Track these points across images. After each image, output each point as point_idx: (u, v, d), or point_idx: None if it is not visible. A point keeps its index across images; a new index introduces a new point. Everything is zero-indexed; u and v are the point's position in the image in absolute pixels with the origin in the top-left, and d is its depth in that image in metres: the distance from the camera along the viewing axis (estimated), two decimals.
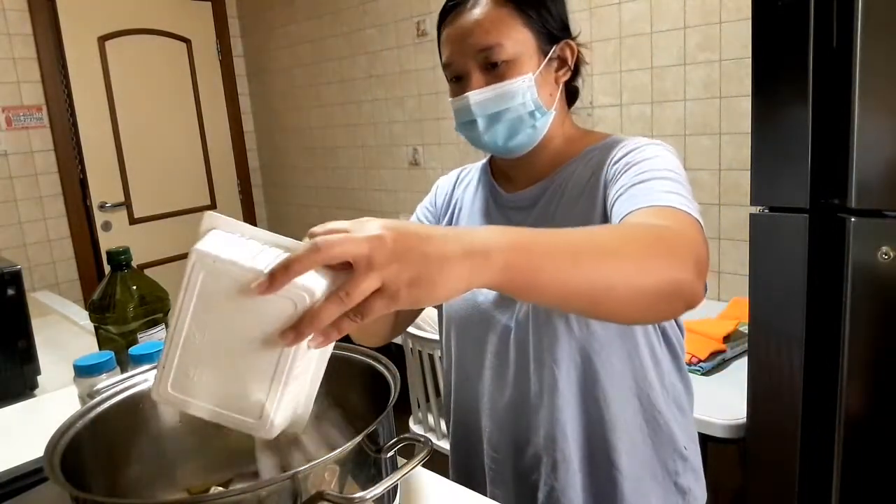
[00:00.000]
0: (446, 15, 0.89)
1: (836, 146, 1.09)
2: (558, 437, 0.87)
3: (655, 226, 0.69)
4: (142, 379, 0.76)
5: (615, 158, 0.84)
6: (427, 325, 1.85)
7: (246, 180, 3.90)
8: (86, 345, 1.45)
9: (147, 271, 1.18)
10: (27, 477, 0.83)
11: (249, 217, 3.92)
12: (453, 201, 1.03)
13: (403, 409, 2.04)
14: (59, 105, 3.09)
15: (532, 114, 0.86)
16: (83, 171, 3.20)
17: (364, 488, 0.57)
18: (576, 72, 0.92)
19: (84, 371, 0.92)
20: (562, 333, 0.84)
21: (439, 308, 1.01)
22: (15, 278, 1.24)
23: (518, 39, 0.85)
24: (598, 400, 0.86)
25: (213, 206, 3.72)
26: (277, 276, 0.48)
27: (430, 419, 1.96)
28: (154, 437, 0.75)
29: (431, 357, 1.82)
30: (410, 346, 1.88)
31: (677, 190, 0.75)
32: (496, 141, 0.88)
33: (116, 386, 0.74)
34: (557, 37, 0.88)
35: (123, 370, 0.95)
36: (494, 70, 0.85)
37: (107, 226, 3.30)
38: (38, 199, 3.08)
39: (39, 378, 1.29)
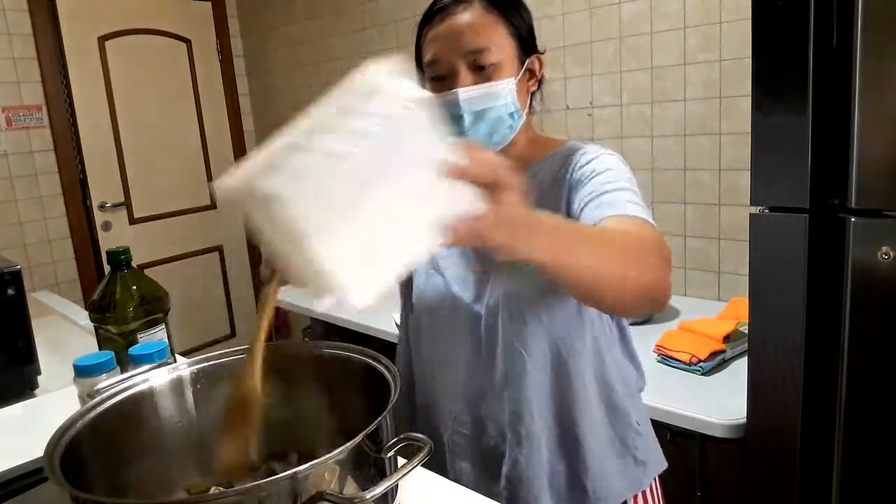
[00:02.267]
0: (432, 17, 0.94)
1: (836, 146, 1.09)
2: (524, 414, 0.94)
3: (640, 235, 0.80)
4: (142, 379, 0.76)
5: (579, 164, 0.93)
6: None
7: None
8: (86, 345, 1.45)
9: (147, 271, 1.18)
10: (27, 477, 0.83)
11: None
12: None
13: None
14: (59, 105, 3.09)
15: (512, 115, 0.93)
16: (83, 171, 3.20)
17: (364, 488, 0.57)
18: (539, 84, 1.02)
19: (84, 371, 0.92)
20: (530, 319, 0.92)
21: (406, 294, 1.07)
22: (15, 278, 1.24)
23: (503, 46, 0.92)
24: (562, 380, 0.94)
25: (213, 206, 3.71)
26: (465, 166, 0.53)
27: None
28: (154, 437, 0.76)
29: None
30: None
31: (636, 200, 0.86)
32: (477, 137, 0.93)
33: (116, 386, 0.74)
34: (530, 50, 0.97)
35: (123, 370, 0.95)
36: (482, 72, 0.91)
37: (107, 226, 3.30)
38: (38, 199, 3.08)
39: (39, 378, 1.29)
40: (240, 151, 3.85)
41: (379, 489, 0.55)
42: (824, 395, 1.17)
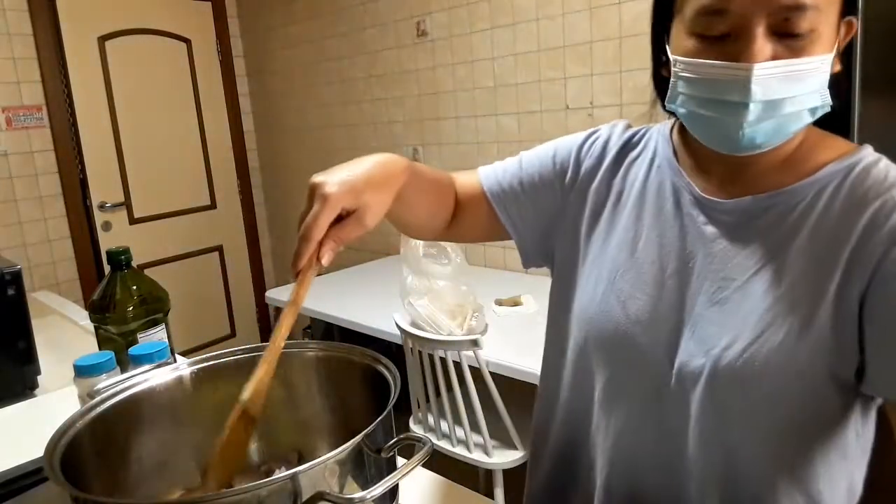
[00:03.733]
0: None
1: None
2: None
3: None
4: (142, 379, 0.76)
5: None
6: (426, 325, 1.85)
7: (246, 180, 3.90)
8: (86, 345, 1.45)
9: (147, 271, 1.18)
10: (27, 477, 0.83)
11: (249, 217, 3.92)
12: (615, 178, 0.81)
13: (403, 410, 2.04)
14: (59, 105, 3.09)
15: (813, 110, 0.63)
16: (83, 171, 3.20)
17: (364, 488, 0.57)
18: (842, 59, 0.66)
19: (84, 371, 0.92)
20: (749, 407, 0.65)
21: (567, 297, 0.79)
22: (15, 278, 1.24)
23: (825, 6, 0.59)
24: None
25: (213, 206, 3.72)
26: None
27: (430, 419, 1.97)
28: (154, 437, 0.76)
29: (431, 357, 1.82)
30: (410, 345, 1.88)
31: None
32: (754, 139, 0.62)
33: (116, 386, 0.74)
34: (851, 7, 0.63)
35: (123, 370, 0.95)
36: (789, 41, 0.59)
37: (107, 226, 3.30)
38: (38, 199, 3.08)
39: (39, 378, 1.29)
40: (240, 151, 3.86)
41: (379, 489, 0.55)
42: None
